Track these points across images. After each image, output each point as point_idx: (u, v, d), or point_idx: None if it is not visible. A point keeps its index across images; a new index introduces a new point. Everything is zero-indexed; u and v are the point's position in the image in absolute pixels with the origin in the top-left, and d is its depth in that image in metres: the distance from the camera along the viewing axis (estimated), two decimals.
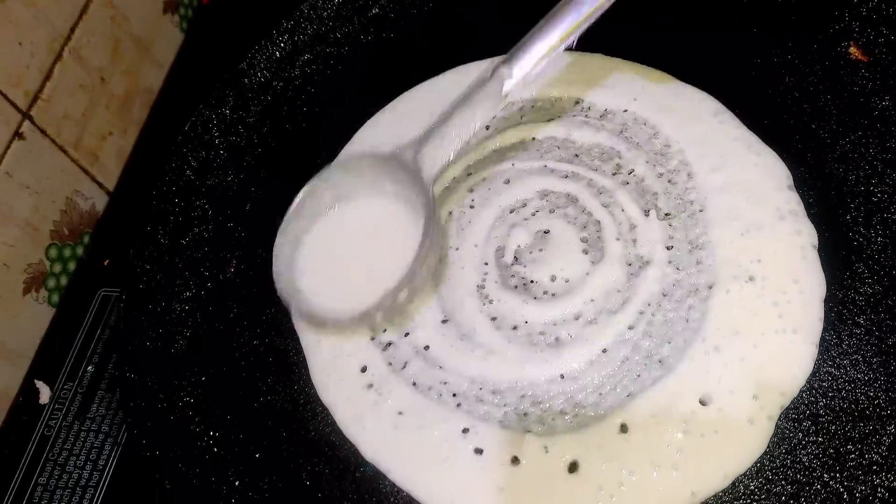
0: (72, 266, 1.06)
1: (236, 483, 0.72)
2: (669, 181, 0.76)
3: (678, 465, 0.63)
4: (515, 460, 0.66)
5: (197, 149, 0.89)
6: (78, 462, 0.87)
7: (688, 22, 0.85)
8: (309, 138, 0.90)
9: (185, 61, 1.22)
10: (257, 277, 0.80)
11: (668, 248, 0.73)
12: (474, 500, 0.65)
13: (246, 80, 0.92)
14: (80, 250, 1.07)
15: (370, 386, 0.72)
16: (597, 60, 0.84)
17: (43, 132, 1.03)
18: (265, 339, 0.78)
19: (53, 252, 1.04)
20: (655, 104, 0.81)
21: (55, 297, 1.04)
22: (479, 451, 0.66)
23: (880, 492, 0.61)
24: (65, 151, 1.07)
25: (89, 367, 0.93)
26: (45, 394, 0.93)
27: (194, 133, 0.89)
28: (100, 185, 1.12)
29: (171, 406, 0.75)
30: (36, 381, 0.94)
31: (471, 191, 0.80)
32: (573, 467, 0.65)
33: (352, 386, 0.73)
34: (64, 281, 1.05)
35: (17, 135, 0.98)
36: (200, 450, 0.74)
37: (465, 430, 0.68)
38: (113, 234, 1.07)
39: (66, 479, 0.87)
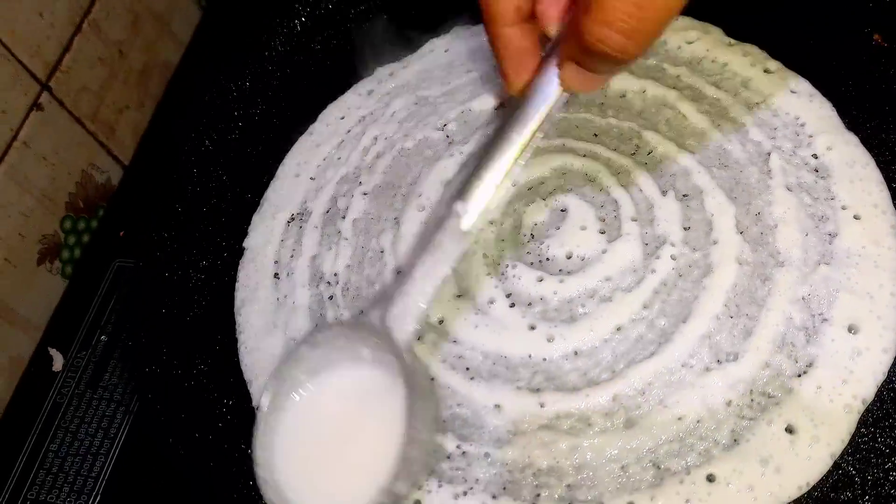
0: (86, 238, 1.07)
1: (249, 451, 0.72)
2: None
3: None
4: None
5: (215, 120, 0.89)
6: (89, 430, 0.88)
7: None
8: None
9: (203, 37, 1.22)
10: None
11: (685, 229, 0.73)
12: None
13: (266, 52, 0.92)
14: (94, 223, 1.08)
15: None
16: None
17: (61, 103, 1.03)
18: None
19: (68, 224, 1.05)
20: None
21: (69, 269, 1.04)
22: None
23: None
24: (82, 124, 1.07)
25: (103, 337, 0.93)
26: (58, 361, 0.93)
27: (213, 104, 0.89)
28: (115, 158, 1.13)
29: (185, 373, 0.76)
30: (49, 349, 0.94)
31: None
32: None
33: None
34: (78, 253, 1.05)
35: (36, 105, 0.98)
36: (214, 417, 0.74)
37: None
38: (128, 207, 1.07)
39: (77, 447, 0.87)
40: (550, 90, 0.60)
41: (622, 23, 0.49)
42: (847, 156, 0.74)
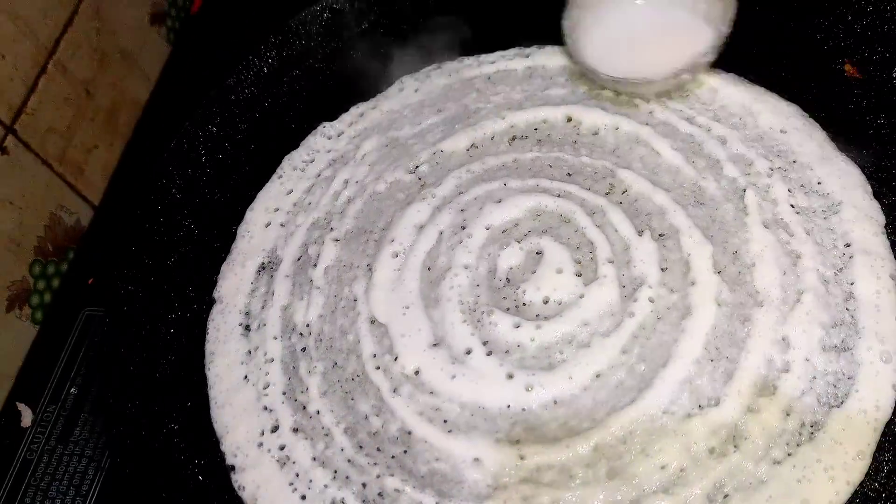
0: (56, 283, 1.04)
1: None
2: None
3: None
4: None
5: (183, 167, 0.87)
6: (61, 487, 0.85)
7: None
8: None
9: (173, 73, 1.21)
10: None
11: (662, 270, 0.72)
12: None
13: (233, 96, 0.91)
14: (64, 267, 1.05)
15: None
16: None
17: (27, 146, 1.01)
18: None
19: (37, 269, 1.02)
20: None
21: (38, 315, 1.02)
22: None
23: None
24: (49, 165, 1.05)
25: (72, 390, 0.91)
26: (27, 417, 0.91)
27: (180, 150, 0.88)
28: (85, 199, 1.11)
29: (155, 432, 0.74)
30: (18, 404, 0.92)
31: (462, 210, 0.79)
32: None
33: None
34: (48, 298, 1.03)
35: (1, 149, 0.96)
36: (185, 478, 0.72)
37: None
38: (98, 249, 1.05)
39: None
40: None
41: None
42: (828, 188, 0.74)
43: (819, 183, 0.74)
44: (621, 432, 0.65)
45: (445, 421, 0.68)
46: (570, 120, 0.82)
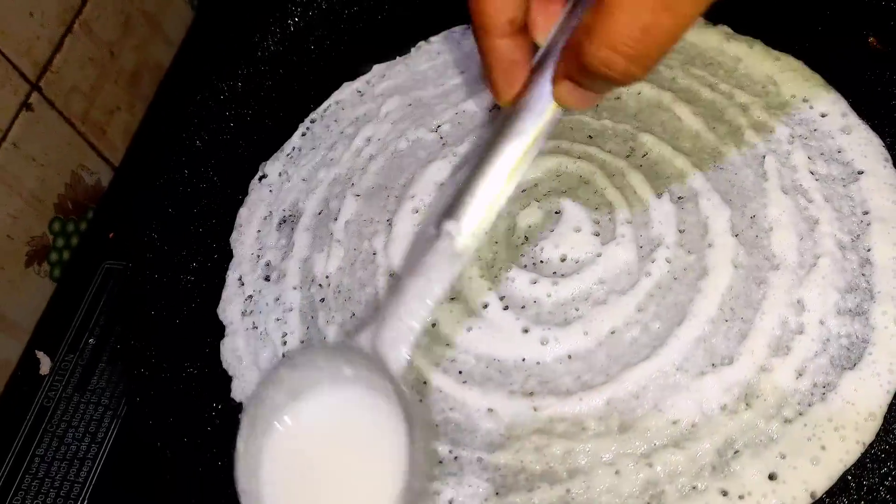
0: (75, 241, 1.06)
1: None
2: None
3: None
4: None
5: (207, 121, 0.88)
6: (77, 434, 0.87)
7: None
8: None
9: (196, 38, 1.22)
10: None
11: (680, 231, 0.72)
12: None
13: (258, 52, 0.92)
14: (83, 225, 1.07)
15: None
16: None
17: (51, 104, 1.02)
18: None
19: (57, 226, 1.04)
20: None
21: (57, 272, 1.03)
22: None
23: None
24: (72, 124, 1.06)
25: (91, 340, 0.93)
26: (45, 364, 0.92)
27: (205, 105, 0.88)
28: (105, 160, 1.12)
29: (173, 376, 0.75)
30: (37, 352, 0.93)
31: None
32: None
33: None
34: (66, 255, 1.04)
35: (26, 105, 0.97)
36: (202, 421, 0.73)
37: None
38: (117, 209, 1.06)
39: (63, 451, 0.86)
40: (543, 105, 0.58)
41: (627, 48, 0.47)
42: (849, 156, 0.74)
43: (839, 151, 0.75)
44: (634, 387, 0.66)
45: (460, 372, 0.69)
46: None
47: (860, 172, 0.73)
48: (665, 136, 0.78)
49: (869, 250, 0.70)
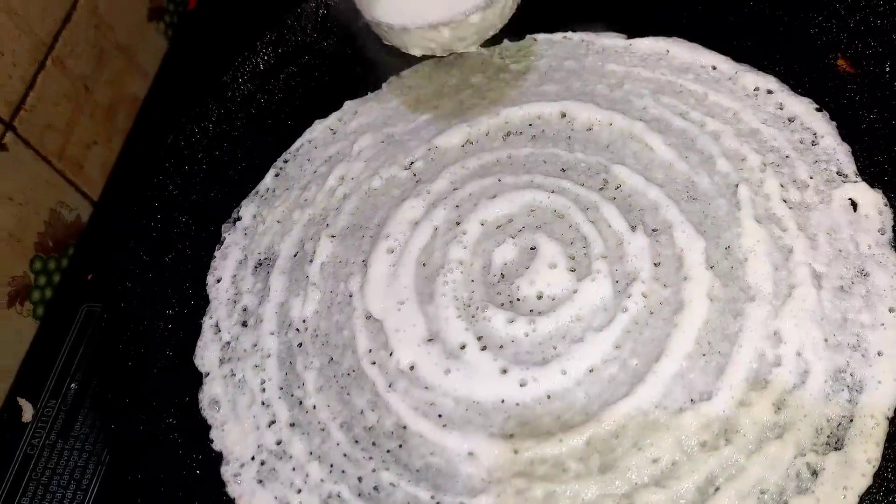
0: (56, 278, 1.05)
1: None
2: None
3: None
4: None
5: (180, 164, 0.88)
6: (62, 482, 0.86)
7: None
8: None
9: (171, 69, 1.21)
10: None
11: (655, 265, 0.72)
12: None
13: (229, 92, 0.91)
14: (64, 262, 1.06)
15: None
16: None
17: (26, 143, 1.01)
18: None
19: (38, 264, 1.03)
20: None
21: (39, 310, 1.03)
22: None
23: None
24: (48, 162, 1.05)
25: (72, 385, 0.92)
26: (27, 412, 0.92)
27: (177, 147, 0.88)
28: (84, 194, 1.11)
29: (153, 427, 0.75)
30: (19, 399, 0.92)
31: (457, 206, 0.79)
32: None
33: None
34: (49, 293, 1.04)
35: (0, 146, 0.96)
36: (185, 472, 0.73)
37: None
38: (98, 245, 1.06)
39: (49, 499, 0.85)
40: None
41: None
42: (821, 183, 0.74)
43: (811, 178, 0.75)
44: (614, 426, 0.66)
45: (440, 415, 0.69)
46: (564, 116, 0.83)
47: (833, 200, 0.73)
48: (638, 167, 0.78)
49: (843, 278, 0.70)
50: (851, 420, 0.64)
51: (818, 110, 0.78)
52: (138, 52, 1.20)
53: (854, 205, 0.73)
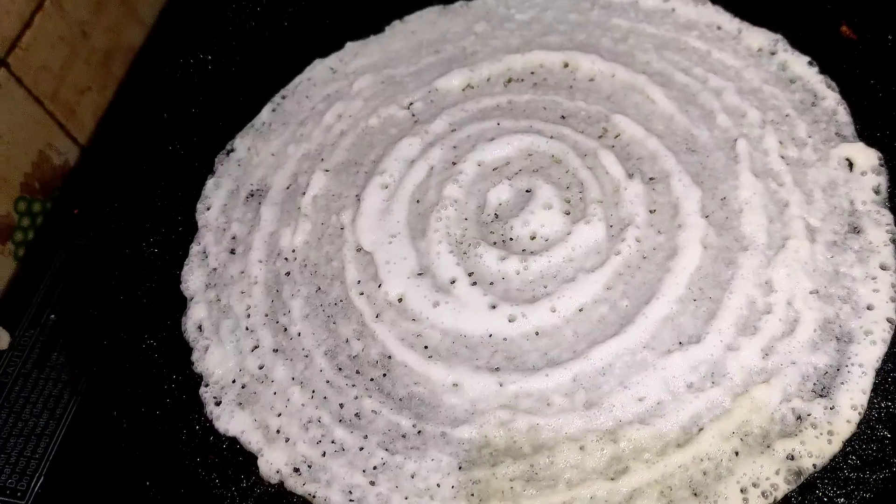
0: (40, 221, 1.03)
1: (196, 428, 0.70)
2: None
3: None
4: None
5: (177, 95, 0.87)
6: (34, 410, 0.84)
7: None
8: None
9: (168, 19, 1.20)
10: None
11: (650, 212, 0.72)
12: None
13: (231, 27, 0.90)
14: (49, 205, 1.05)
15: None
16: None
17: (19, 81, 1.00)
18: None
19: (22, 206, 1.01)
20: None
21: (20, 251, 1.01)
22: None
23: None
24: (40, 103, 1.04)
25: (52, 315, 0.90)
26: (4, 340, 0.90)
27: (174, 78, 0.87)
28: (74, 139, 1.10)
29: (134, 348, 0.73)
30: None
31: (454, 147, 0.79)
32: None
33: None
34: (31, 235, 1.02)
35: None
36: (164, 392, 0.72)
37: None
38: (83, 187, 1.04)
39: (20, 427, 0.83)
40: None
41: None
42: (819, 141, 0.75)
43: (810, 136, 0.75)
44: (601, 364, 0.65)
45: (426, 347, 0.68)
46: (566, 65, 0.83)
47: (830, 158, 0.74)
48: (638, 117, 0.78)
49: (836, 232, 0.70)
50: (839, 369, 0.64)
51: (820, 73, 0.78)
52: (138, 1, 1.19)
53: (850, 164, 0.73)
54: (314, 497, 0.64)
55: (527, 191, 0.75)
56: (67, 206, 1.02)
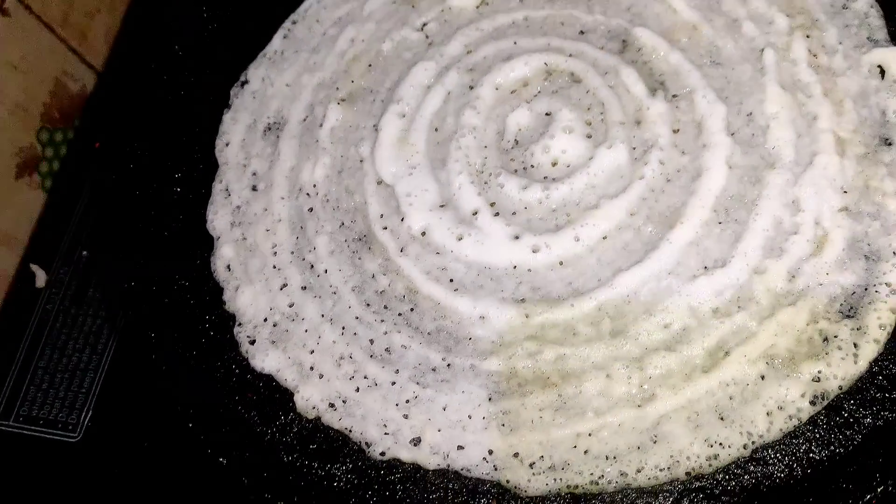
0: (63, 151, 1.04)
1: (233, 367, 0.72)
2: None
3: None
4: None
5: (185, 26, 0.85)
6: (77, 346, 0.87)
7: None
8: None
9: None
10: None
11: (674, 132, 0.70)
12: None
13: None
14: (71, 134, 1.05)
15: None
16: None
17: (28, 8, 0.98)
18: None
19: (45, 136, 1.02)
20: None
21: (48, 182, 1.02)
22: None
23: None
24: (52, 29, 1.02)
25: (84, 252, 0.92)
26: (41, 278, 0.92)
27: (182, 9, 0.85)
28: (89, 65, 1.08)
29: (166, 290, 0.75)
30: (31, 266, 0.93)
31: (470, 70, 0.77)
32: None
33: None
34: (56, 165, 1.03)
35: (1, 10, 0.94)
36: (199, 333, 0.73)
37: None
38: (104, 115, 1.04)
39: (65, 363, 0.87)
40: None
41: None
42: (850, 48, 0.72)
43: (841, 43, 0.72)
44: (626, 292, 0.65)
45: (451, 280, 0.69)
46: None
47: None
48: (659, 29, 0.75)
49: (866, 146, 0.68)
50: (866, 289, 0.63)
51: None
52: None
53: (882, 71, 0.70)
54: (350, 431, 0.67)
55: (546, 114, 0.73)
56: (90, 136, 1.02)
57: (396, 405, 0.66)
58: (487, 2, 0.81)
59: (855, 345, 0.62)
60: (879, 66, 0.71)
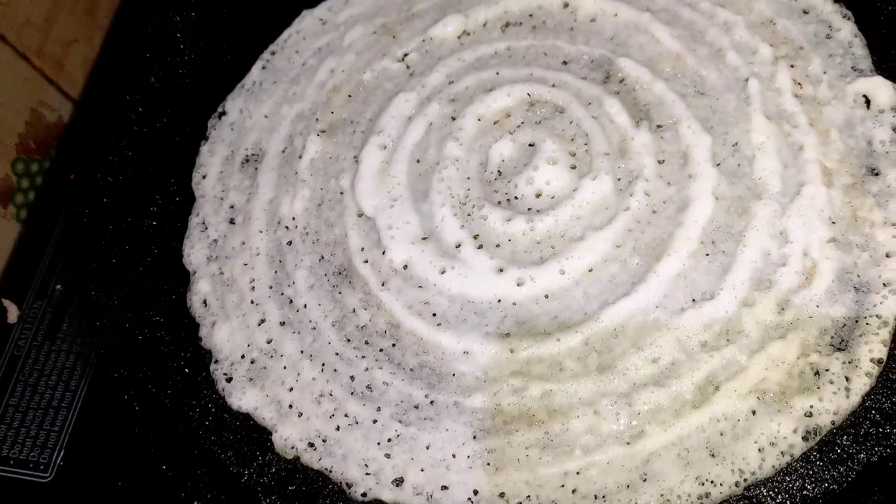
0: (39, 181, 1.02)
1: (209, 405, 0.70)
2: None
3: None
4: None
5: (162, 56, 0.84)
6: (49, 383, 0.85)
7: None
8: None
9: None
10: None
11: (659, 162, 0.69)
12: None
13: None
14: (47, 164, 1.03)
15: None
16: None
17: (3, 38, 0.97)
18: None
19: (20, 166, 1.00)
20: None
21: (23, 213, 1.00)
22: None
23: None
24: (27, 59, 1.01)
25: (58, 286, 0.90)
26: (13, 313, 0.90)
27: (159, 39, 0.84)
28: (66, 94, 1.07)
29: (141, 326, 0.73)
30: (3, 300, 0.91)
31: (452, 100, 0.76)
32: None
33: None
34: (32, 196, 1.01)
35: None
36: (174, 370, 0.71)
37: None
38: (80, 145, 1.03)
39: (37, 400, 0.84)
40: None
41: None
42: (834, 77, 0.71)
43: (825, 72, 0.71)
44: (613, 326, 0.64)
45: (434, 314, 0.67)
46: (566, 6, 0.79)
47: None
48: (643, 59, 0.74)
49: (853, 176, 0.67)
50: (857, 321, 0.62)
51: (835, 2, 0.74)
52: None
53: (868, 101, 0.70)
54: (331, 472, 0.65)
55: (530, 145, 0.72)
56: (66, 166, 1.00)
57: (378, 444, 0.64)
58: (469, 32, 0.80)
59: (847, 378, 0.61)
60: (864, 96, 0.70)
